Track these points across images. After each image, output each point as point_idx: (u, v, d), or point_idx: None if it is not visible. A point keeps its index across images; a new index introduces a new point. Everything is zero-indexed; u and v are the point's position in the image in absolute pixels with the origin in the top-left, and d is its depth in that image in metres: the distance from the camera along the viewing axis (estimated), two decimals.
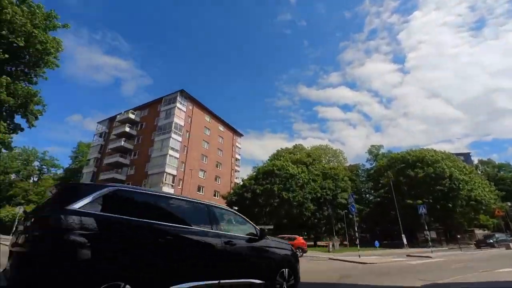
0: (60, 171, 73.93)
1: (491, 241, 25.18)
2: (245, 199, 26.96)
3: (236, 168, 52.63)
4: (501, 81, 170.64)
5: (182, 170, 37.20)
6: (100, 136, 49.58)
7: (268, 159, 51.69)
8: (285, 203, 26.24)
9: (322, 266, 13.37)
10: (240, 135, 57.05)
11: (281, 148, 63.87)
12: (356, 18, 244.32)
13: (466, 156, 76.64)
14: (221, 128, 50.33)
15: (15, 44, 15.40)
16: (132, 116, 44.83)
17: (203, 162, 42.94)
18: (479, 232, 39.94)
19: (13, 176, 72.46)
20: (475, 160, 77.53)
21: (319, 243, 40.53)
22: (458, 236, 32.88)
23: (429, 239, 22.31)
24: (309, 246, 37.48)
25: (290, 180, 27.81)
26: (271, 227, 26.01)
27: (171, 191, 35.19)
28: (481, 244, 25.57)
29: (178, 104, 40.02)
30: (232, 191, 30.81)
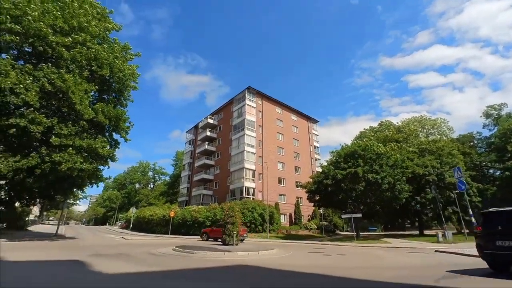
0: (167, 178, 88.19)
1: None
2: (326, 186, 24.98)
3: (316, 156, 50.30)
4: None
5: (260, 164, 37.91)
6: (190, 144, 56.22)
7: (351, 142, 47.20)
8: (372, 186, 22.88)
9: (422, 260, 10.68)
10: (315, 121, 54.22)
11: (364, 129, 57.63)
12: None
13: None
14: (293, 117, 49.04)
15: (102, 76, 18.61)
16: (210, 121, 48.84)
17: (280, 154, 42.73)
18: None
19: (137, 185, 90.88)
20: None
21: (426, 232, 34.29)
22: None
23: None
24: (413, 236, 32.15)
25: (377, 161, 24.13)
26: (359, 215, 23.17)
27: (252, 185, 36.43)
28: None
29: (247, 101, 41.03)
30: (311, 180, 29.17)
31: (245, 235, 22.72)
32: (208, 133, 47.75)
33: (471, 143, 50.05)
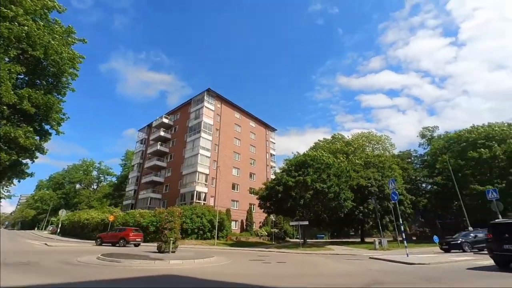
0: (114, 179, 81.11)
1: None
2: (277, 193, 25.13)
3: (272, 164, 50.94)
4: None
5: (215, 168, 36.90)
6: (141, 143, 52.52)
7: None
8: (319, 194, 23.65)
9: (355, 267, 10.99)
10: (273, 129, 55.21)
11: (318, 140, 60.44)
12: None
13: None
14: (252, 124, 49.19)
15: (35, 57, 16.23)
16: (165, 120, 46.39)
17: (236, 160, 42.25)
18: None
19: (77, 186, 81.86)
20: None
21: (367, 239, 36.66)
22: None
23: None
24: (355, 243, 34.09)
25: (326, 170, 25.10)
26: (306, 222, 23.74)
27: (204, 190, 35.17)
28: None
29: (206, 104, 39.96)
30: (264, 186, 29.18)
31: (138, 240, 22.56)
32: (162, 133, 45.20)
33: (409, 160, 55.71)
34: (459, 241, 17.68)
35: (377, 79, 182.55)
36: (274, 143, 55.04)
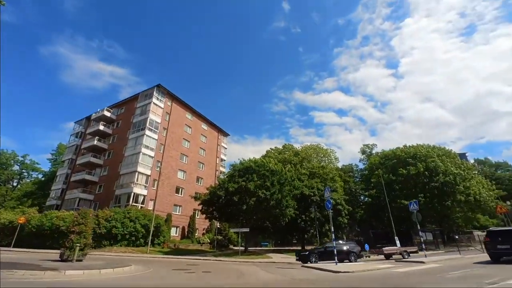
0: (41, 175, 70.42)
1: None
2: (219, 198, 24.10)
3: (222, 169, 49.70)
4: (493, 85, 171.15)
5: (158, 170, 34.30)
6: (77, 136, 46.54)
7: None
8: (262, 202, 23.33)
9: (281, 276, 10.58)
10: (226, 134, 54.31)
11: (270, 149, 61.28)
12: (349, 25, 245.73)
13: (462, 157, 74.38)
14: (204, 126, 47.58)
15: None
16: (107, 114, 42.02)
17: (183, 162, 40.07)
18: (479, 234, 37.26)
19: None
20: (471, 160, 75.37)
21: (308, 247, 37.63)
22: (456, 237, 30.15)
23: (421, 240, 19.68)
24: (296, 251, 34.68)
25: (270, 178, 24.97)
26: (247, 229, 23.10)
27: (144, 192, 32.34)
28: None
29: (154, 100, 37.28)
30: (207, 191, 27.86)
31: None
32: (102, 127, 40.69)
33: (350, 173, 59.99)
34: (307, 253, 17.70)
35: (330, 98, 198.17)
36: (226, 148, 54.09)
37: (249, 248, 29.36)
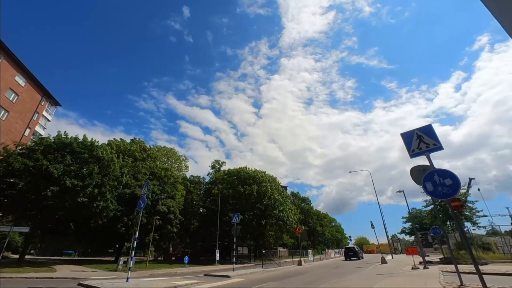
0: None
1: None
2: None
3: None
4: (312, 144, 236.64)
5: None
6: None
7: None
8: (68, 193, 17.29)
9: None
10: (57, 103, 41.03)
11: (114, 139, 51.64)
12: (235, 58, 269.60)
13: (284, 188, 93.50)
14: (20, 80, 33.58)
15: None
16: None
17: None
18: (282, 250, 45.42)
19: None
20: (289, 192, 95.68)
21: (124, 258, 32.16)
22: (264, 251, 34.72)
23: (233, 254, 20.55)
24: (103, 261, 28.69)
25: (90, 165, 19.29)
26: (26, 229, 16.12)
27: None
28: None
29: None
30: None
31: None
32: None
33: (196, 185, 59.88)
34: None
35: (200, 114, 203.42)
36: (50, 121, 40.45)
37: (38, 257, 20.97)
